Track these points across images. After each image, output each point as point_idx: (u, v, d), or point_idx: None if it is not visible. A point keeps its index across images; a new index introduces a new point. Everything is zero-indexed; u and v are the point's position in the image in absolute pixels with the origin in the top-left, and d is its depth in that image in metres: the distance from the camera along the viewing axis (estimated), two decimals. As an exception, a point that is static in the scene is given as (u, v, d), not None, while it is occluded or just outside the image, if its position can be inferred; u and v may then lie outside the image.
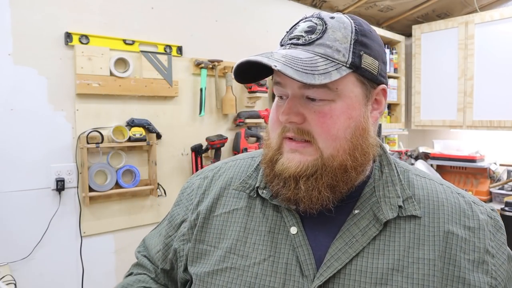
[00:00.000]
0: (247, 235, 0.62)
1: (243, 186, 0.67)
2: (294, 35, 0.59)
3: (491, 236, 0.60)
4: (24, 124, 1.62)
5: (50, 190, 1.69)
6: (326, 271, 0.55)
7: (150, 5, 1.97)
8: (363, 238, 0.57)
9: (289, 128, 0.58)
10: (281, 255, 0.59)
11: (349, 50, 0.56)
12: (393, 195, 0.60)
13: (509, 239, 1.54)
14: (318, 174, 0.57)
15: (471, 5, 3.01)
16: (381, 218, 0.58)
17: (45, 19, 1.65)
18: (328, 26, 0.57)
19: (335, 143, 0.56)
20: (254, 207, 0.64)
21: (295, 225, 0.60)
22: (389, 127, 3.25)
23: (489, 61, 2.80)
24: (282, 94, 0.60)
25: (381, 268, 0.55)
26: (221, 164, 0.75)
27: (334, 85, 0.55)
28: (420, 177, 0.65)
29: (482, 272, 0.56)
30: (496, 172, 2.93)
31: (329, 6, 2.90)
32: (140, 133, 1.86)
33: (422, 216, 0.59)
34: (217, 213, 0.67)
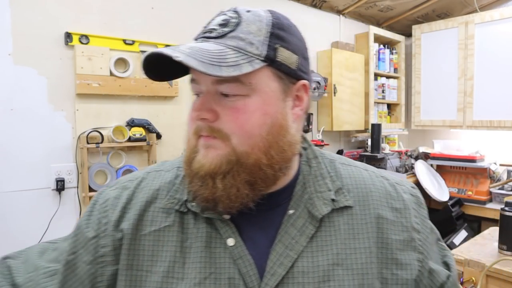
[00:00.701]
0: (184, 255, 0.56)
1: (170, 202, 0.60)
2: (207, 28, 0.56)
3: (415, 213, 0.62)
4: (24, 124, 1.62)
5: (50, 190, 1.69)
6: (270, 279, 0.54)
7: (150, 5, 1.97)
8: (302, 238, 0.56)
9: (202, 126, 0.54)
10: (222, 271, 0.55)
11: (264, 43, 0.54)
12: (324, 189, 0.59)
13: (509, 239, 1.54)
14: (234, 171, 0.53)
15: (471, 5, 3.01)
16: (316, 215, 0.57)
17: (45, 19, 1.65)
18: (243, 19, 0.55)
19: (250, 140, 0.53)
20: (186, 222, 0.59)
21: (231, 236, 0.56)
22: (389, 127, 3.25)
23: (489, 61, 2.80)
24: (198, 91, 0.56)
25: (322, 265, 0.55)
26: (142, 174, 0.66)
27: (247, 79, 0.52)
28: (346, 166, 0.65)
29: (411, 249, 0.59)
30: (496, 172, 2.93)
31: (329, 6, 2.90)
32: (140, 133, 1.86)
33: (354, 206, 0.59)
34: (146, 232, 0.58)
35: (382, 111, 3.28)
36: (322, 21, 2.91)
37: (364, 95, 3.02)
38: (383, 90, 3.25)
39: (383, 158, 2.86)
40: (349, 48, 3.01)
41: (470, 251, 1.53)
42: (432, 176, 3.02)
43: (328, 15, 2.96)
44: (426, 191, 2.82)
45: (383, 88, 3.24)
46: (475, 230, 2.82)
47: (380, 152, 2.86)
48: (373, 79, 3.06)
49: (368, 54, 3.03)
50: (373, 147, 2.86)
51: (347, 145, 3.14)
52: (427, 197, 2.95)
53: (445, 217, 2.77)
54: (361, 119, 3.01)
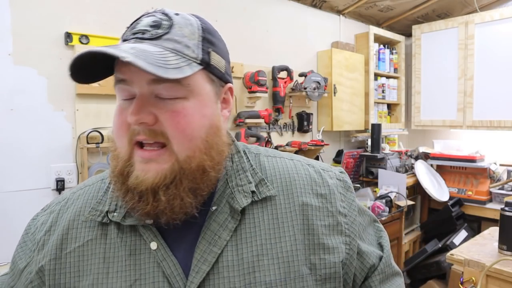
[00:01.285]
0: (108, 265, 0.56)
1: (92, 214, 0.60)
2: (138, 29, 0.55)
3: (342, 197, 0.63)
4: (24, 124, 1.62)
5: (50, 190, 1.69)
6: (195, 277, 0.53)
7: (150, 5, 1.97)
8: (225, 233, 0.56)
9: (139, 130, 0.52)
10: (147, 276, 0.55)
11: (198, 46, 0.55)
12: (245, 182, 0.60)
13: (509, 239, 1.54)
14: (177, 180, 0.53)
15: (471, 5, 3.01)
16: (236, 208, 0.57)
17: (45, 19, 1.65)
18: (174, 22, 0.55)
19: (191, 143, 0.53)
20: (110, 233, 0.58)
21: (154, 240, 0.56)
22: (389, 127, 3.25)
23: (489, 61, 2.81)
24: (128, 94, 0.55)
25: (246, 257, 0.55)
26: (69, 194, 0.67)
27: (186, 81, 0.52)
28: (271, 157, 0.66)
29: (337, 233, 0.60)
30: (496, 172, 2.93)
31: (329, 6, 2.90)
32: (140, 133, 1.86)
33: (277, 195, 0.60)
34: (70, 249, 0.58)
35: (382, 111, 3.28)
36: (322, 21, 2.91)
37: (364, 95, 3.02)
38: (383, 90, 3.25)
39: (383, 158, 2.86)
40: (349, 48, 3.01)
41: (470, 251, 1.53)
42: (432, 176, 3.02)
43: (328, 15, 2.96)
44: (426, 191, 2.82)
45: (383, 88, 3.25)
46: (475, 230, 2.82)
47: (380, 152, 2.86)
48: (373, 79, 3.06)
49: (368, 54, 3.03)
50: (373, 147, 2.86)
51: (347, 145, 3.14)
52: (427, 197, 2.95)
53: (445, 217, 2.77)
54: (361, 119, 3.01)
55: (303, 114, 2.69)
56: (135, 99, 0.53)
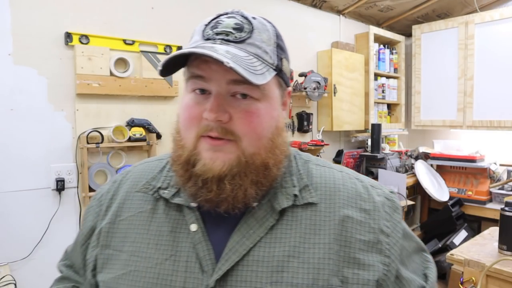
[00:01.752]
0: (150, 237, 0.61)
1: (145, 187, 0.66)
2: (221, 30, 0.57)
3: (387, 217, 0.62)
4: (24, 124, 1.62)
5: (50, 190, 1.69)
6: (224, 264, 0.56)
7: (150, 5, 1.97)
8: (260, 229, 0.58)
9: (212, 127, 0.55)
10: (182, 254, 0.58)
11: (274, 53, 0.58)
12: (289, 185, 0.62)
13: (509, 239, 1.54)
14: (242, 172, 0.56)
15: (471, 5, 3.01)
16: (276, 208, 0.59)
17: (45, 19, 1.65)
18: (254, 26, 0.58)
19: (259, 142, 0.57)
20: (157, 208, 0.63)
21: (195, 222, 0.60)
22: (389, 127, 3.25)
23: (489, 61, 2.81)
24: (202, 88, 0.57)
25: (277, 256, 0.56)
26: (131, 168, 0.74)
27: (263, 85, 0.55)
28: (320, 167, 0.67)
29: (376, 251, 0.59)
30: (496, 172, 2.93)
31: (329, 6, 2.90)
32: (140, 133, 1.86)
33: (319, 203, 0.61)
34: (123, 217, 0.65)
35: (382, 111, 3.28)
36: (322, 21, 2.91)
37: (364, 95, 3.02)
38: (383, 90, 3.25)
39: (383, 158, 2.86)
40: (349, 48, 3.01)
41: (470, 251, 1.53)
42: (432, 176, 3.02)
43: (328, 15, 2.96)
44: (426, 191, 2.82)
45: (383, 88, 3.25)
46: (475, 230, 2.82)
47: (380, 152, 2.86)
48: (373, 79, 3.06)
49: (368, 54, 3.03)
50: (373, 147, 2.86)
51: (347, 145, 3.14)
52: (427, 197, 2.95)
53: (445, 217, 2.77)
54: (361, 119, 3.01)
55: (303, 114, 2.69)
56: (213, 97, 0.55)
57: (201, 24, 0.61)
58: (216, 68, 0.54)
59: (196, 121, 0.57)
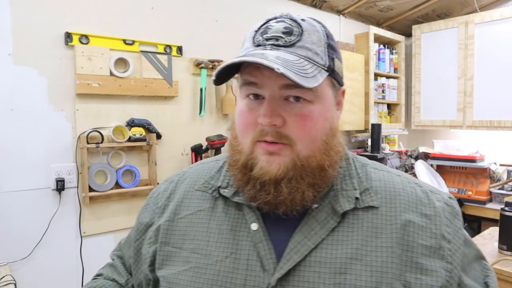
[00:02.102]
0: (209, 235, 0.63)
1: (205, 186, 0.68)
2: (271, 35, 0.58)
3: (448, 223, 0.61)
4: (24, 124, 1.62)
5: (50, 190, 1.69)
6: (285, 264, 0.56)
7: (150, 5, 1.97)
8: (322, 231, 0.58)
9: (267, 131, 0.56)
10: (242, 252, 0.59)
11: (325, 53, 0.58)
12: (350, 188, 0.62)
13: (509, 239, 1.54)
14: (298, 175, 0.57)
15: (471, 5, 3.01)
16: (338, 210, 0.59)
17: (45, 19, 1.65)
18: (304, 28, 0.58)
19: (313, 145, 0.57)
20: (216, 207, 0.65)
21: (255, 222, 0.61)
22: (389, 127, 3.25)
23: (489, 61, 2.80)
24: (254, 93, 0.58)
25: (340, 258, 0.56)
26: (187, 169, 0.76)
27: (315, 89, 0.56)
28: (378, 170, 0.67)
29: (438, 257, 0.58)
30: (496, 172, 2.93)
31: (329, 6, 2.90)
32: (140, 133, 1.86)
33: (380, 206, 0.60)
34: (182, 216, 0.67)
35: (382, 111, 3.28)
36: (322, 21, 2.90)
37: (364, 95, 3.02)
38: (383, 90, 3.25)
39: (383, 158, 2.86)
40: (349, 48, 3.01)
41: (470, 251, 1.53)
42: (432, 176, 3.01)
43: (328, 15, 2.96)
44: (426, 191, 2.82)
45: (383, 88, 3.24)
46: (475, 230, 2.82)
47: (380, 152, 2.86)
48: (373, 79, 3.06)
49: (368, 54, 3.03)
50: (373, 147, 2.86)
51: (347, 145, 3.14)
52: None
53: (445, 217, 2.77)
54: (361, 119, 3.01)
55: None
56: (266, 102, 0.56)
57: (251, 30, 0.62)
58: (268, 74, 0.54)
59: (252, 126, 0.58)
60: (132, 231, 0.76)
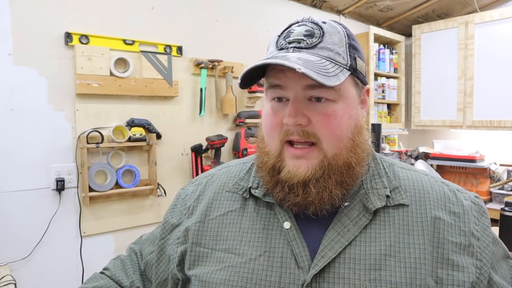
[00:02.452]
0: (242, 234, 0.64)
1: (235, 187, 0.70)
2: (293, 38, 0.60)
3: (476, 220, 0.62)
4: (24, 124, 1.62)
5: (50, 190, 1.69)
6: (320, 260, 0.57)
7: (150, 5, 1.97)
8: (355, 228, 0.59)
9: (293, 131, 0.58)
10: (276, 250, 0.60)
11: (346, 53, 0.60)
12: (380, 186, 0.63)
13: (509, 239, 1.54)
14: (325, 174, 0.58)
15: (471, 5, 3.01)
16: (370, 208, 0.60)
17: (45, 19, 1.65)
18: (325, 30, 0.60)
19: (339, 143, 0.59)
20: (247, 207, 0.66)
21: (288, 220, 0.62)
22: (389, 127, 3.25)
23: (489, 61, 2.80)
24: (280, 96, 0.60)
25: (373, 254, 0.57)
26: (214, 171, 0.77)
27: (338, 86, 0.57)
28: (405, 170, 0.69)
29: (468, 254, 0.59)
30: (496, 172, 2.93)
31: (329, 6, 2.90)
32: (140, 133, 1.86)
33: (410, 204, 0.62)
34: (212, 217, 0.68)
35: (382, 111, 3.28)
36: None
37: (364, 95, 3.02)
38: (383, 90, 3.25)
39: (383, 158, 2.86)
40: (349, 48, 3.01)
41: (470, 251, 1.53)
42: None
43: (328, 15, 2.96)
44: (426, 191, 2.82)
45: (383, 88, 3.24)
46: (475, 230, 2.82)
47: (380, 152, 2.86)
48: (373, 79, 3.06)
49: (368, 54, 3.02)
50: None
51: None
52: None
53: (445, 217, 2.77)
54: (361, 119, 3.00)
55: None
56: (291, 103, 0.58)
57: (275, 35, 0.64)
58: (292, 76, 0.56)
59: (278, 127, 0.60)
60: (157, 229, 0.78)
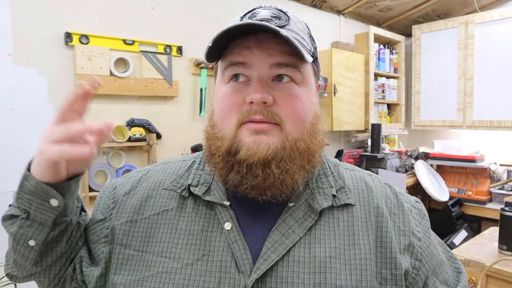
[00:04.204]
0: (179, 236, 0.58)
1: (174, 185, 0.63)
2: (261, 17, 0.56)
3: (416, 222, 0.63)
4: (24, 124, 1.62)
5: (50, 190, 1.69)
6: (263, 264, 0.54)
7: (150, 5, 1.97)
8: (300, 229, 0.57)
9: (256, 110, 0.54)
10: (215, 253, 0.56)
11: (309, 42, 0.59)
12: (327, 186, 0.62)
13: (509, 239, 1.53)
14: (288, 156, 0.55)
15: (471, 5, 3.01)
16: (316, 208, 0.58)
17: (45, 19, 1.65)
18: (290, 17, 0.59)
19: (302, 126, 0.56)
20: (185, 206, 0.61)
21: (229, 221, 0.57)
22: (389, 127, 3.25)
23: (489, 61, 2.80)
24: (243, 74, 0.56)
25: (318, 256, 0.55)
26: (150, 166, 0.71)
27: (303, 68, 0.56)
28: (349, 170, 0.68)
29: (408, 254, 0.59)
30: (496, 172, 2.93)
31: (329, 6, 2.90)
32: (140, 133, 1.86)
33: (355, 204, 0.61)
34: (145, 216, 0.61)
35: (382, 111, 3.28)
36: (322, 21, 2.91)
37: (364, 95, 3.02)
38: (383, 90, 3.25)
39: (383, 158, 2.86)
40: (349, 48, 3.01)
41: (470, 251, 1.53)
42: (432, 176, 3.02)
43: (328, 15, 2.96)
44: (426, 191, 2.82)
45: (383, 88, 3.24)
46: (475, 230, 2.82)
47: (380, 152, 2.86)
48: (373, 79, 3.06)
49: (368, 54, 3.03)
50: (373, 147, 2.86)
51: (347, 145, 3.14)
52: (427, 197, 2.95)
53: (445, 217, 2.77)
54: (361, 119, 3.01)
55: (303, 114, 2.68)
56: (255, 81, 0.55)
57: (236, 17, 0.61)
58: (259, 53, 0.54)
59: (236, 108, 0.55)
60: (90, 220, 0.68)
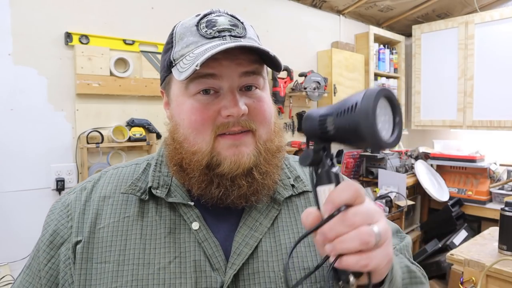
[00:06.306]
0: (145, 242, 0.56)
1: (132, 188, 0.61)
2: (222, 28, 0.58)
3: None
4: (24, 124, 1.62)
5: (50, 190, 1.69)
6: (237, 259, 0.55)
7: (150, 5, 1.97)
8: (266, 220, 0.60)
9: (234, 122, 0.54)
10: (187, 254, 0.55)
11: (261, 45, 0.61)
12: (284, 177, 0.65)
13: (509, 239, 1.53)
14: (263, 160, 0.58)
15: (471, 5, 3.01)
16: (278, 198, 0.62)
17: (45, 19, 1.65)
18: (244, 24, 0.61)
19: (269, 127, 0.59)
20: (147, 211, 0.59)
21: (196, 220, 0.58)
22: (389, 127, 3.25)
23: (489, 61, 2.80)
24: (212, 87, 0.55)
25: (284, 244, 0.59)
26: (100, 174, 0.67)
27: (263, 73, 0.59)
28: (297, 162, 0.71)
29: None
30: (496, 172, 2.93)
31: (329, 6, 2.90)
32: (140, 133, 1.86)
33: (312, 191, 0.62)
34: (103, 225, 0.58)
35: (382, 111, 3.28)
36: (322, 21, 2.91)
37: (364, 95, 3.02)
38: (383, 90, 3.25)
39: (383, 158, 2.86)
40: (349, 48, 3.01)
41: (470, 251, 1.53)
42: (432, 176, 3.01)
43: (328, 15, 2.96)
44: (426, 191, 2.82)
45: (383, 88, 3.24)
46: (475, 230, 2.82)
47: (380, 152, 2.86)
48: (373, 79, 3.06)
49: (368, 54, 3.02)
50: (373, 147, 2.85)
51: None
52: (427, 197, 2.95)
53: (445, 217, 2.77)
54: (361, 119, 3.00)
55: (303, 114, 2.69)
56: (227, 92, 0.55)
57: (187, 25, 0.62)
58: (227, 64, 0.54)
59: (211, 120, 0.55)
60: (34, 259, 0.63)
